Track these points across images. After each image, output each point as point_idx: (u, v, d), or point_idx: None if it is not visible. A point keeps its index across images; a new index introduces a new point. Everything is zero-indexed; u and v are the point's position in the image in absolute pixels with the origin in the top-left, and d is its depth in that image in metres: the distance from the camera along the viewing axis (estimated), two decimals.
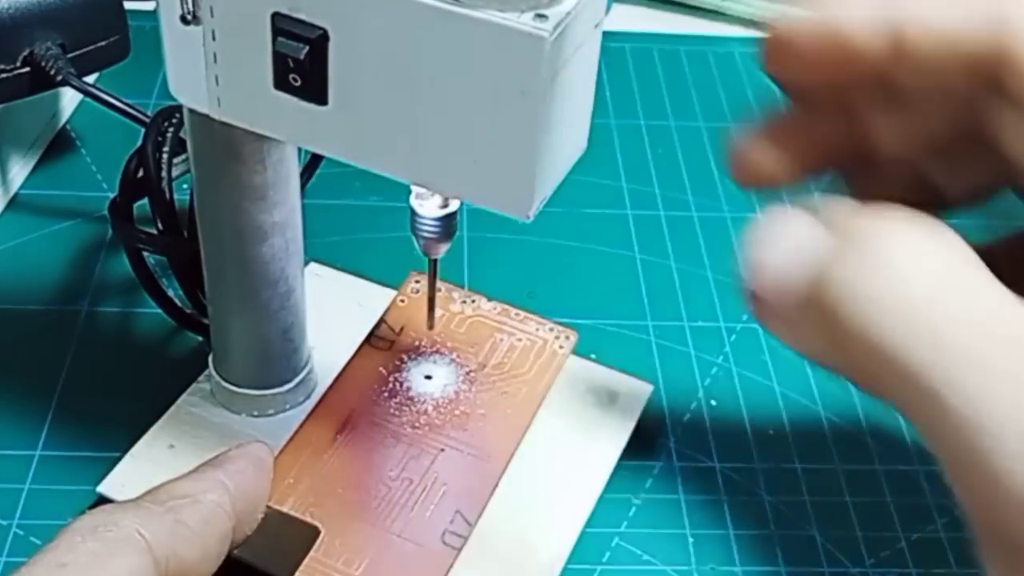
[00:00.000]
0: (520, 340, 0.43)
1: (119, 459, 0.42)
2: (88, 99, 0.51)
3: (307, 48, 0.30)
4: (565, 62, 0.29)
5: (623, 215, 0.58)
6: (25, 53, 0.49)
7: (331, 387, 0.42)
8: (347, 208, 0.56)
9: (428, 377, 0.42)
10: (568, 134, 0.31)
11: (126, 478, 0.41)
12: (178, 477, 0.33)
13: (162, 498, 0.32)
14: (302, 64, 0.30)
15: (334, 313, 0.47)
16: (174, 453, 0.42)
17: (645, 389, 0.46)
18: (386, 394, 0.41)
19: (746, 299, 0.30)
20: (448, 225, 0.40)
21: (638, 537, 0.43)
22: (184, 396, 0.44)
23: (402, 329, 0.43)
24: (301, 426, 0.40)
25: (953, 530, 0.44)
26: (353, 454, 0.39)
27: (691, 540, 0.43)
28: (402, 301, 0.45)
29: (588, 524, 0.42)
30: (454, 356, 0.43)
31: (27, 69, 0.49)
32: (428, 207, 0.39)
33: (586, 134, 0.33)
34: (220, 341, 0.42)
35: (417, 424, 0.41)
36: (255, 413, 0.43)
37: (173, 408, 0.43)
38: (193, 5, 0.32)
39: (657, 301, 0.53)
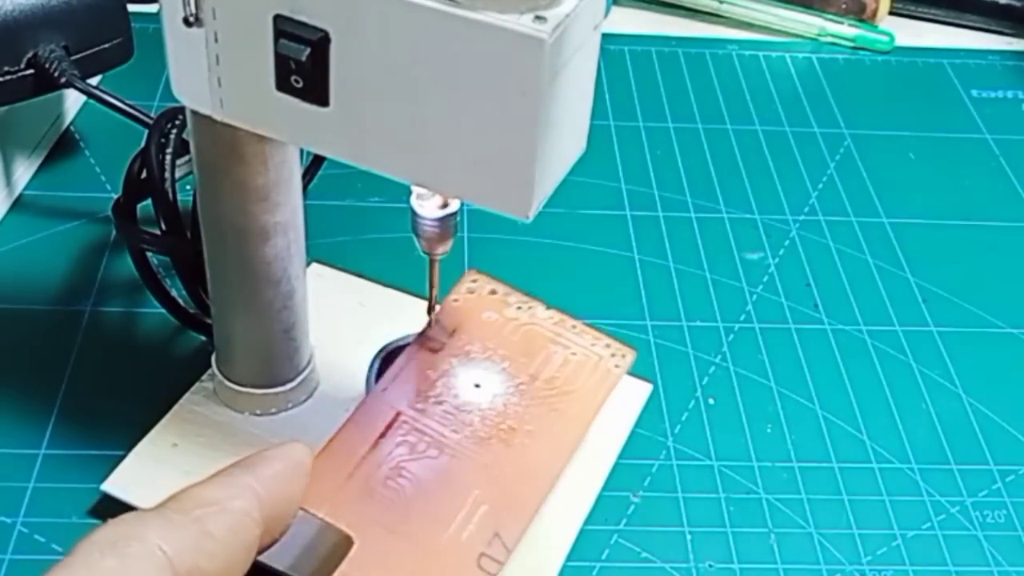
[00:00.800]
0: (575, 354, 0.41)
1: (123, 457, 0.42)
2: (92, 101, 0.51)
3: (309, 50, 0.30)
4: (564, 64, 0.29)
5: (622, 216, 0.58)
6: (29, 55, 0.49)
7: (377, 386, 0.39)
8: (349, 209, 0.56)
9: (477, 386, 0.40)
10: (567, 135, 0.32)
11: (130, 476, 0.41)
12: (207, 479, 0.31)
13: (188, 506, 0.30)
14: (304, 66, 0.31)
15: (336, 313, 0.48)
16: (177, 451, 0.42)
17: (644, 388, 0.47)
18: (433, 400, 0.39)
19: None
20: (448, 225, 0.40)
21: (637, 534, 0.43)
22: (187, 395, 0.44)
23: (454, 332, 0.41)
24: (343, 426, 0.38)
25: (949, 527, 0.44)
26: (394, 461, 0.37)
27: (689, 537, 0.43)
28: (456, 301, 0.42)
29: (587, 521, 0.42)
30: (506, 365, 0.40)
31: (31, 71, 0.49)
32: (428, 207, 0.40)
33: (585, 135, 0.33)
34: (223, 340, 0.43)
35: (462, 435, 0.38)
36: (258, 412, 0.43)
37: (176, 407, 0.44)
38: (196, 7, 0.32)
39: (656, 301, 0.53)
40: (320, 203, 0.55)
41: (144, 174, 0.44)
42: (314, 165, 0.52)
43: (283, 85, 0.32)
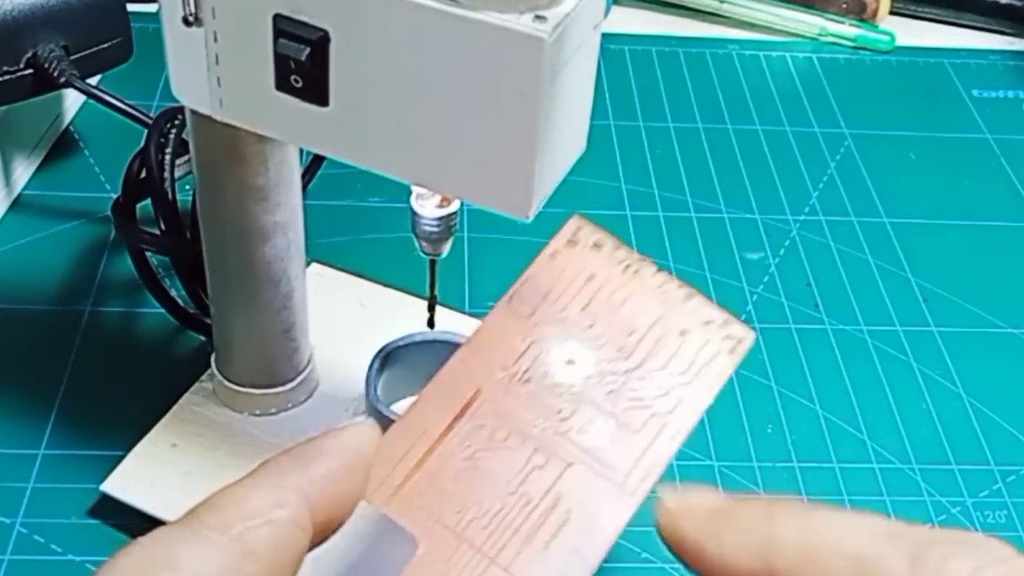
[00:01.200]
0: (685, 333, 0.35)
1: (122, 458, 0.42)
2: (91, 101, 0.51)
3: (308, 50, 0.30)
4: (564, 63, 0.29)
5: (622, 216, 0.58)
6: (28, 55, 0.49)
7: (456, 356, 0.33)
8: (348, 209, 0.56)
9: (570, 363, 0.34)
10: (567, 135, 0.31)
11: (129, 476, 0.41)
12: (251, 477, 0.27)
13: (228, 519, 0.26)
14: (303, 65, 0.31)
15: (335, 313, 0.48)
16: (177, 452, 0.42)
17: None
18: (519, 377, 0.33)
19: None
20: (448, 225, 0.40)
21: (637, 535, 0.43)
22: (187, 395, 0.44)
23: (548, 294, 0.34)
24: (416, 404, 0.32)
25: (950, 527, 0.44)
26: (470, 451, 0.32)
27: None
28: (553, 256, 0.35)
29: None
30: (605, 341, 0.34)
31: (30, 71, 0.49)
32: (428, 207, 0.40)
33: (585, 135, 0.33)
34: (222, 340, 0.43)
35: (549, 424, 0.33)
36: (257, 412, 0.43)
37: (176, 407, 0.44)
38: (195, 7, 0.32)
39: None
40: (320, 203, 0.55)
41: (143, 174, 0.44)
42: (314, 165, 0.52)
43: (283, 85, 0.32)
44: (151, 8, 0.63)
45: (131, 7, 0.52)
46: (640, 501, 0.32)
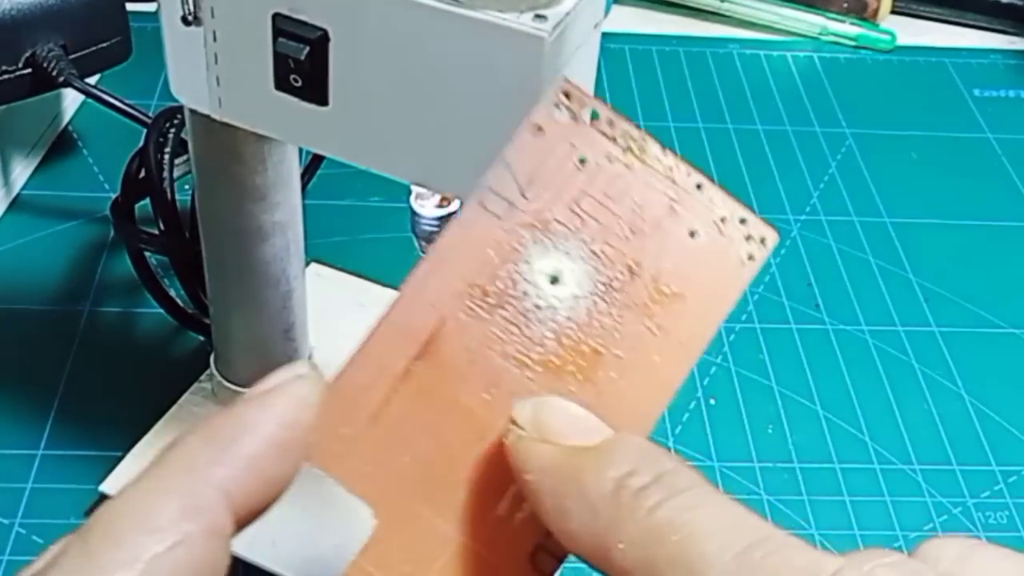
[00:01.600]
0: (696, 233, 0.28)
1: (121, 458, 0.42)
2: (90, 100, 0.51)
3: (308, 49, 0.30)
4: (565, 62, 0.29)
5: None
6: (27, 54, 0.49)
7: (416, 274, 0.26)
8: (348, 208, 0.56)
9: (555, 280, 0.27)
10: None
11: (128, 477, 0.41)
12: (158, 480, 0.22)
13: (128, 551, 0.20)
14: (303, 65, 0.31)
15: (335, 313, 0.47)
16: None
17: None
18: (492, 300, 0.27)
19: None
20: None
21: None
22: (186, 395, 0.44)
23: (531, 184, 0.27)
24: (367, 341, 0.26)
25: (952, 528, 0.44)
26: (431, 398, 0.26)
27: None
28: (538, 130, 0.27)
29: None
30: (597, 246, 0.28)
31: (29, 70, 0.49)
32: (428, 207, 0.40)
33: None
34: (221, 340, 0.43)
35: (528, 360, 0.27)
36: None
37: (175, 407, 0.44)
38: (194, 6, 0.32)
39: None
40: (319, 203, 0.55)
41: (142, 173, 0.44)
42: (313, 164, 0.52)
43: (282, 84, 0.31)
44: (150, 7, 0.63)
45: (130, 6, 0.52)
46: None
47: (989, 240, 0.58)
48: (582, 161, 0.27)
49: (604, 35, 0.31)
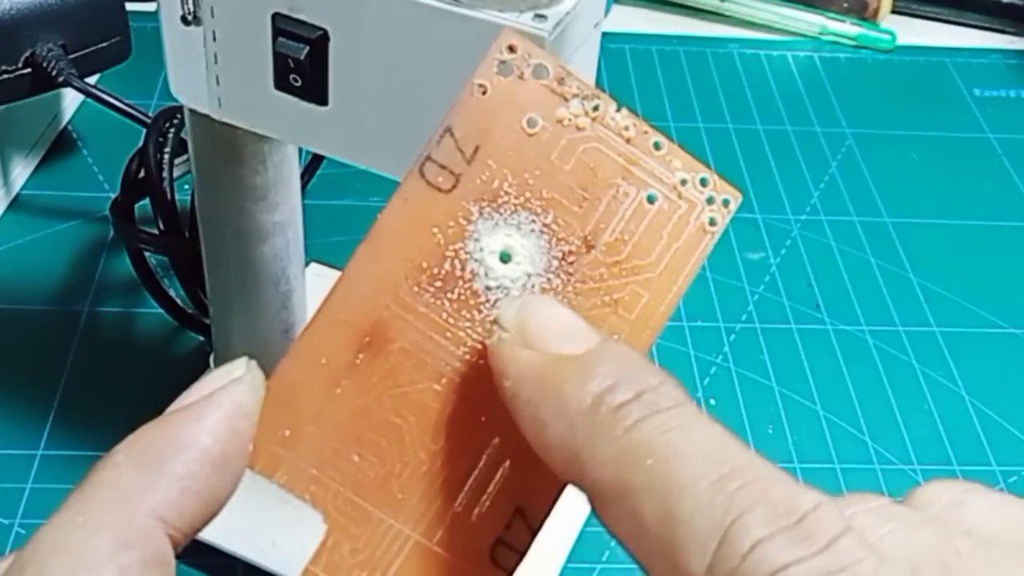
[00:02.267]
0: (654, 199, 0.26)
1: None
2: (89, 100, 0.51)
3: (307, 48, 0.30)
4: (565, 62, 0.29)
5: None
6: (27, 54, 0.49)
7: (356, 257, 0.24)
8: (348, 208, 0.56)
9: (505, 258, 0.25)
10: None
11: None
12: (87, 514, 0.20)
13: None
14: (302, 64, 0.31)
15: None
16: None
17: None
18: (439, 283, 0.25)
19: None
20: None
21: None
22: None
23: (476, 151, 0.25)
24: (303, 335, 0.25)
25: None
26: (378, 393, 0.25)
27: None
28: (482, 90, 0.25)
29: (587, 523, 0.42)
30: (550, 218, 0.25)
31: (29, 70, 0.49)
32: None
33: None
34: (221, 341, 0.42)
35: (481, 346, 0.24)
36: None
37: None
38: (194, 6, 0.32)
39: None
40: (319, 202, 0.55)
41: (142, 173, 0.44)
42: (313, 164, 0.52)
43: (282, 84, 0.31)
44: (150, 7, 0.63)
45: (129, 6, 0.52)
46: None
47: (990, 240, 0.58)
48: (531, 123, 0.25)
49: (604, 35, 0.31)
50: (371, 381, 0.24)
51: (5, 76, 0.48)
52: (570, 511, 0.42)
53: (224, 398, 0.22)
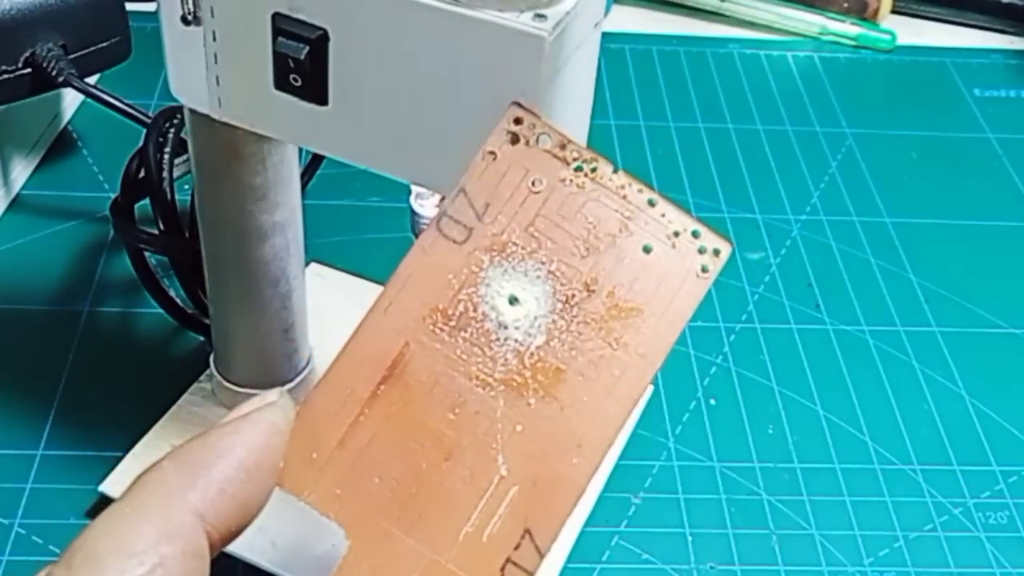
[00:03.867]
0: (650, 248, 0.29)
1: (120, 458, 0.42)
2: (89, 100, 0.51)
3: (307, 48, 0.30)
4: (565, 62, 0.29)
5: None
6: (27, 54, 0.49)
7: (379, 301, 0.28)
8: (348, 208, 0.56)
9: (514, 300, 0.28)
10: (567, 134, 0.31)
11: (127, 477, 0.41)
12: (134, 508, 0.23)
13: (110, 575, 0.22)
14: (302, 64, 0.31)
15: (335, 313, 0.47)
16: None
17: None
18: (453, 322, 0.28)
19: None
20: None
21: (638, 535, 0.43)
22: (185, 395, 0.44)
23: (487, 208, 0.28)
24: (332, 368, 0.28)
25: (952, 529, 0.44)
26: (398, 421, 0.27)
27: (690, 538, 0.43)
28: (492, 155, 0.29)
29: (588, 523, 0.42)
30: (554, 266, 0.28)
31: (29, 70, 0.49)
32: (428, 207, 0.40)
33: (585, 134, 0.33)
34: (221, 341, 0.42)
35: (491, 380, 0.27)
36: None
37: (174, 407, 0.44)
38: (194, 6, 0.32)
39: None
40: (319, 202, 0.55)
41: (142, 173, 0.44)
42: (313, 164, 0.52)
43: (282, 84, 0.31)
44: (150, 7, 0.63)
45: (129, 6, 0.52)
46: (599, 459, 0.28)
47: (990, 240, 0.58)
48: (536, 183, 0.29)
49: (604, 35, 0.31)
50: (391, 410, 0.27)
51: (5, 76, 0.48)
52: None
53: (260, 417, 0.25)
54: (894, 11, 0.75)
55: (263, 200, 0.37)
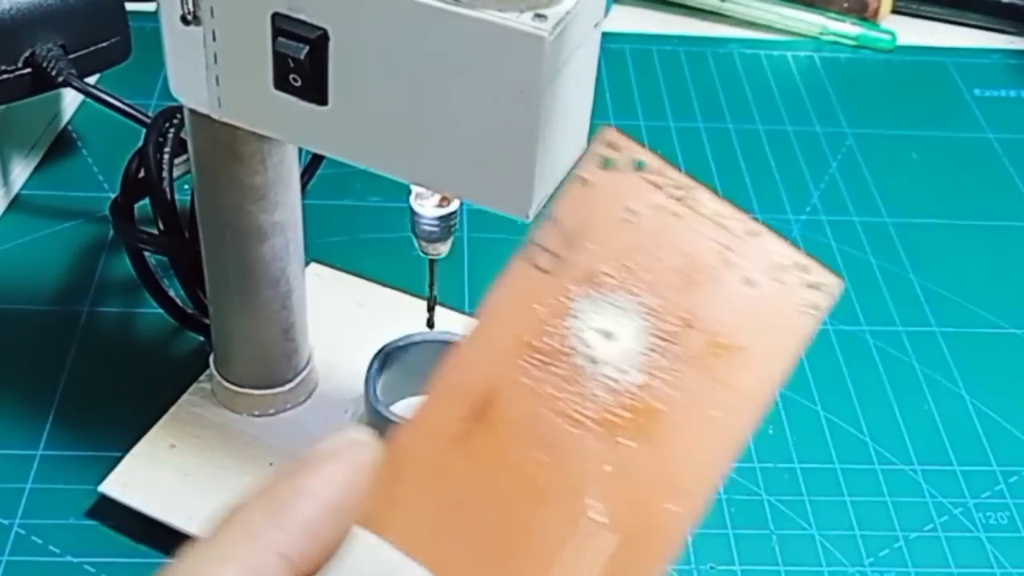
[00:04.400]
0: (753, 283, 0.27)
1: (120, 458, 0.42)
2: (89, 100, 0.51)
3: (307, 48, 0.30)
4: (565, 62, 0.29)
5: None
6: (27, 54, 0.49)
7: (468, 335, 0.26)
8: (347, 208, 0.56)
9: (608, 335, 0.26)
10: (568, 134, 0.31)
11: (127, 477, 0.41)
12: (221, 545, 0.23)
13: None
14: (302, 64, 0.31)
15: (335, 313, 0.47)
16: (175, 452, 0.42)
17: None
18: (543, 357, 0.26)
19: None
20: (447, 225, 0.40)
21: None
22: (185, 396, 0.44)
23: (578, 237, 0.27)
24: (421, 404, 0.26)
25: (952, 529, 0.44)
26: (486, 460, 0.26)
27: (691, 539, 0.43)
28: (583, 183, 0.27)
29: None
30: (649, 298, 0.27)
31: (28, 70, 0.49)
32: (428, 207, 0.39)
33: (586, 134, 0.33)
34: (221, 341, 0.42)
35: (584, 418, 0.26)
36: (256, 412, 0.43)
37: (174, 408, 0.44)
38: (193, 6, 0.32)
39: None
40: (319, 203, 0.55)
41: (142, 173, 0.44)
42: (313, 164, 0.52)
43: (281, 84, 0.31)
44: (149, 7, 0.63)
45: (129, 6, 0.52)
46: (701, 506, 0.25)
47: (990, 240, 0.58)
48: (630, 212, 0.27)
49: (604, 35, 0.31)
50: (480, 450, 0.26)
51: (5, 76, 0.48)
52: None
53: (346, 456, 0.24)
54: (894, 11, 0.75)
55: (263, 200, 0.37)
